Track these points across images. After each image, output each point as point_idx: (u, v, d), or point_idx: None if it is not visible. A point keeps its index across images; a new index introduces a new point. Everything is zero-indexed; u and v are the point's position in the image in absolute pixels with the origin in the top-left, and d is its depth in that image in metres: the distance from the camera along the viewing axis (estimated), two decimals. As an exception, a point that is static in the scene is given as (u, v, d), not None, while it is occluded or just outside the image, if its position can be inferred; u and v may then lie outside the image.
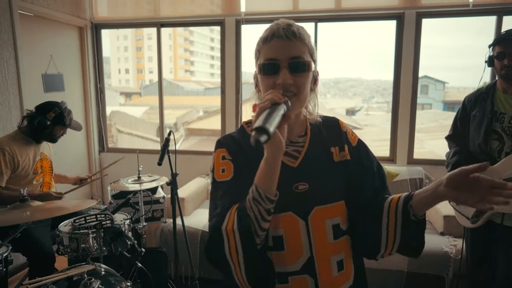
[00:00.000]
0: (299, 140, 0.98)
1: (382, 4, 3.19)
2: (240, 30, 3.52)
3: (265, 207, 0.81)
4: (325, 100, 24.09)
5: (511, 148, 1.88)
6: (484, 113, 1.97)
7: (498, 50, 1.87)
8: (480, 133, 1.98)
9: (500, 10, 3.05)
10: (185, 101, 19.66)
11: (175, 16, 3.63)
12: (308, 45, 0.90)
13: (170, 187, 2.42)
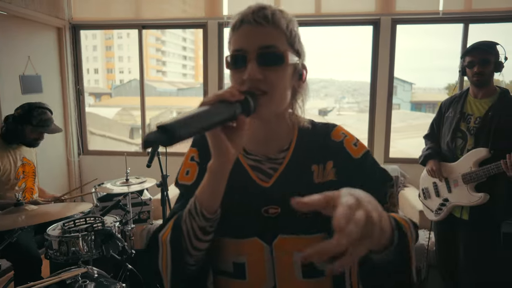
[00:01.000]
0: (279, 156, 0.80)
1: (360, 11, 3.35)
2: (222, 33, 3.57)
3: (199, 224, 0.68)
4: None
5: (472, 146, 2.07)
6: (455, 114, 2.16)
7: (468, 59, 2.06)
8: (449, 131, 2.17)
9: (466, 19, 3.28)
10: (158, 102, 19.32)
11: (157, 18, 3.63)
12: (285, 32, 0.72)
13: (157, 188, 2.47)
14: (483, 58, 2.01)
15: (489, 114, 2.03)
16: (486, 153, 1.99)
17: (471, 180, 2.04)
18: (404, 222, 0.68)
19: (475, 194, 2.04)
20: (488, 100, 2.08)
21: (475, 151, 2.03)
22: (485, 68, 2.01)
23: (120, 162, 3.78)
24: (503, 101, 2.04)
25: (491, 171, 1.95)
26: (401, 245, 0.62)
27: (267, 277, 0.77)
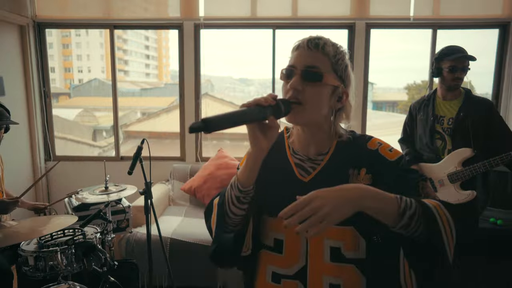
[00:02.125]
0: (318, 158, 0.95)
1: (335, 15, 3.42)
2: (199, 35, 3.50)
3: (235, 194, 0.88)
4: (264, 101, 23.92)
5: (452, 146, 2.19)
6: (428, 117, 2.28)
7: (450, 64, 2.15)
8: (426, 133, 2.28)
9: (435, 25, 3.44)
10: (122, 102, 18.64)
11: (130, 18, 3.50)
12: (331, 59, 0.89)
13: (135, 195, 2.37)
14: (464, 66, 2.13)
15: (461, 114, 2.16)
16: (470, 153, 2.11)
17: (458, 179, 2.16)
18: (432, 202, 0.83)
19: (462, 192, 2.16)
20: (457, 101, 2.22)
21: (459, 151, 2.15)
22: (463, 74, 2.14)
23: (92, 168, 3.63)
24: (469, 101, 2.19)
25: (478, 170, 2.08)
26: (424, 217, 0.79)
27: (300, 256, 0.93)
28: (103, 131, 12.03)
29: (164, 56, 34.76)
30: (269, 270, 0.97)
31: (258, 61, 4.16)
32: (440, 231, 0.80)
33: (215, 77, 9.03)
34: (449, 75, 2.17)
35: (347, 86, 0.94)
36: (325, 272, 0.91)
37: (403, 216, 0.77)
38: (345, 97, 0.93)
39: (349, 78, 0.94)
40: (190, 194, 3.34)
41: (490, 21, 3.43)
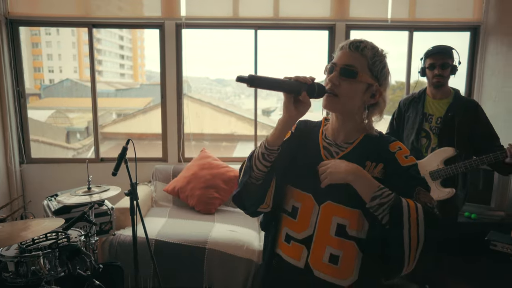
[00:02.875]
0: (343, 145, 1.11)
1: (316, 16, 3.48)
2: (180, 34, 3.47)
3: (261, 151, 1.04)
4: (241, 101, 24.15)
5: (436, 144, 2.26)
6: (417, 115, 2.33)
7: (429, 62, 2.23)
8: (413, 131, 2.33)
9: (411, 27, 3.57)
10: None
11: (109, 16, 3.43)
12: (368, 60, 1.03)
13: (117, 197, 2.33)
14: (443, 62, 2.20)
15: (449, 114, 2.23)
16: (453, 152, 2.17)
17: (439, 177, 2.22)
18: (412, 202, 0.97)
19: (443, 190, 2.22)
20: (446, 101, 2.28)
21: (442, 150, 2.21)
22: (444, 71, 2.20)
23: (70, 170, 3.53)
24: (458, 101, 2.25)
25: (459, 169, 2.14)
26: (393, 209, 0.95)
27: (310, 226, 1.09)
28: (77, 133, 11.63)
29: (139, 56, 33.97)
30: (284, 231, 1.14)
31: (236, 61, 4.17)
32: (402, 225, 0.94)
33: (192, 78, 8.82)
34: (430, 72, 2.25)
35: (382, 85, 1.06)
36: (329, 243, 1.07)
37: (374, 201, 0.96)
38: (378, 94, 1.06)
39: (385, 79, 1.07)
40: (174, 195, 3.31)
41: (462, 24, 3.59)
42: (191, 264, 2.60)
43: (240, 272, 2.56)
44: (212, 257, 2.58)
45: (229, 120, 5.76)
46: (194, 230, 2.76)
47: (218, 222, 2.95)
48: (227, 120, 5.74)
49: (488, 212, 3.06)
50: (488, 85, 3.52)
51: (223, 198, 3.23)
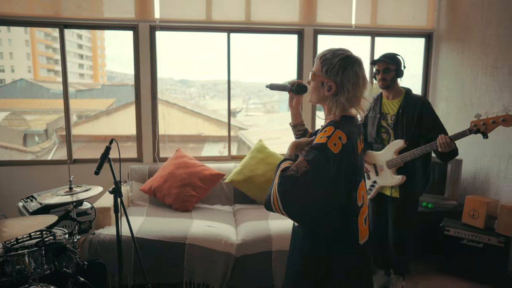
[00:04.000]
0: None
1: (286, 21, 3.66)
2: (154, 37, 3.53)
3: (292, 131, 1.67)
4: (206, 102, 24.16)
5: (395, 137, 2.55)
6: (376, 114, 2.63)
7: (375, 68, 2.58)
8: (374, 129, 2.64)
9: (373, 32, 3.85)
10: (54, 105, 17.38)
11: (82, 17, 3.41)
12: (320, 64, 1.39)
13: (96, 196, 2.36)
14: (385, 67, 2.52)
15: (400, 111, 2.54)
16: (403, 144, 2.49)
17: (393, 165, 2.53)
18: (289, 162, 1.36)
19: (395, 176, 2.54)
20: (398, 100, 2.60)
21: (395, 142, 2.55)
22: (387, 75, 2.53)
23: (44, 172, 3.48)
24: (408, 99, 2.57)
25: (408, 157, 2.46)
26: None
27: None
28: (35, 136, 11.10)
29: (99, 56, 32.73)
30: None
31: (203, 62, 4.27)
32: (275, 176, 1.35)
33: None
34: (377, 77, 2.59)
35: (334, 80, 1.36)
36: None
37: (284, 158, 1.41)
38: (333, 88, 1.37)
39: (336, 74, 1.35)
40: (150, 194, 3.36)
41: (417, 31, 3.92)
42: (172, 260, 2.68)
43: (219, 265, 2.68)
44: (192, 252, 2.68)
45: (196, 121, 5.80)
46: (173, 227, 2.84)
47: (196, 218, 3.04)
48: (194, 121, 5.78)
49: (442, 201, 3.39)
50: (441, 86, 3.88)
51: (200, 196, 3.32)
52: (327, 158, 1.26)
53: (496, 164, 3.18)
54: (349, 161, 1.33)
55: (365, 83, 1.38)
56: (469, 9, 3.47)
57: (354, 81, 1.34)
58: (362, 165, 1.50)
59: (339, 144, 1.29)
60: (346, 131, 1.32)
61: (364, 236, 1.46)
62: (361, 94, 1.38)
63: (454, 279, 3.00)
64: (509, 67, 3.06)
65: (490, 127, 2.22)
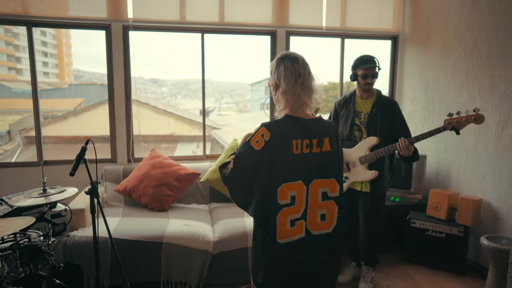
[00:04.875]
0: None
1: (259, 22, 3.74)
2: (128, 36, 3.50)
3: None
4: (177, 101, 23.84)
5: (368, 135, 2.68)
6: (349, 112, 2.74)
7: (362, 72, 2.64)
8: (347, 126, 2.75)
9: (342, 34, 4.00)
10: (17, 105, 16.61)
11: (51, 16, 3.34)
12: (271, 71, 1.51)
13: (69, 198, 2.33)
14: (373, 72, 2.63)
15: (373, 110, 2.66)
16: (376, 140, 2.63)
17: (366, 161, 2.65)
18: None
19: (368, 172, 2.66)
20: (371, 100, 2.73)
21: (368, 139, 2.66)
22: (373, 80, 2.64)
23: (2, 176, 3.38)
24: (380, 99, 2.71)
25: (380, 154, 2.58)
26: None
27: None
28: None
29: (65, 54, 31.56)
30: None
31: (177, 62, 4.27)
32: None
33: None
34: (362, 80, 2.67)
35: (276, 78, 1.46)
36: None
37: None
38: (275, 86, 1.48)
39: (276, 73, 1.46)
40: (125, 195, 3.35)
41: (384, 34, 4.11)
42: (149, 259, 2.69)
43: (196, 263, 2.71)
44: (169, 250, 2.70)
45: (168, 121, 5.76)
46: (150, 226, 2.85)
47: (173, 217, 3.06)
48: (166, 121, 5.74)
49: (408, 195, 3.58)
50: (406, 86, 4.09)
51: (176, 195, 3.34)
52: (249, 156, 1.40)
53: (456, 159, 3.40)
54: (272, 159, 1.37)
55: (300, 78, 1.42)
56: (430, 14, 3.69)
57: (285, 74, 1.42)
58: (305, 166, 1.43)
59: (261, 141, 1.38)
60: (272, 129, 1.39)
61: (288, 236, 1.43)
62: (297, 88, 1.41)
63: (420, 268, 3.19)
64: (466, 70, 3.28)
65: (462, 124, 2.39)
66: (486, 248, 2.68)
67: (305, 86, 1.43)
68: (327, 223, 1.50)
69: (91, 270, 2.51)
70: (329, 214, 1.49)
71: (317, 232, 1.48)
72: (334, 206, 1.50)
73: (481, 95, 3.13)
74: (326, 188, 1.47)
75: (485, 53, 3.08)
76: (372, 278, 2.87)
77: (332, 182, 1.48)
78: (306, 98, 1.44)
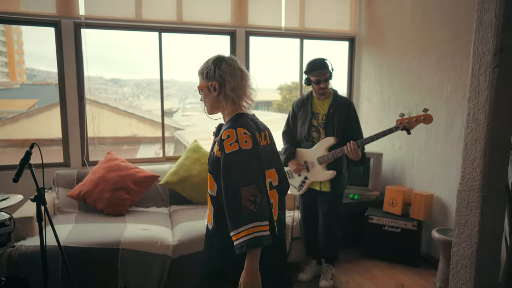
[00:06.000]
0: None
1: (218, 22, 3.70)
2: (79, 34, 3.35)
3: None
4: (140, 102, 23.28)
5: (325, 136, 2.72)
6: (307, 113, 2.77)
7: (315, 78, 2.68)
8: (305, 127, 2.78)
9: (301, 35, 4.05)
10: (-37, 106, 15.39)
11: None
12: (202, 73, 1.52)
13: (14, 206, 2.19)
14: (326, 77, 2.67)
15: (330, 111, 2.71)
16: (333, 141, 2.67)
17: (324, 161, 2.69)
18: None
19: (326, 172, 2.70)
20: (328, 101, 2.77)
21: (326, 139, 2.70)
22: (326, 84, 2.68)
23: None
24: (337, 100, 2.76)
25: (337, 154, 2.63)
26: None
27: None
28: None
29: (16, 52, 29.96)
30: None
31: (136, 61, 4.15)
32: None
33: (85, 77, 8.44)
34: (315, 86, 2.72)
35: (217, 80, 1.46)
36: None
37: None
38: (217, 86, 1.47)
39: (217, 75, 1.45)
40: (79, 200, 3.19)
41: (342, 35, 4.21)
42: (105, 267, 2.58)
43: (155, 268, 2.64)
44: (127, 256, 2.60)
45: (129, 122, 5.61)
46: (106, 232, 2.74)
47: (130, 222, 2.96)
48: (127, 122, 5.58)
49: (366, 192, 3.69)
50: (363, 87, 4.21)
51: (134, 199, 3.24)
52: (251, 159, 1.38)
53: (410, 156, 3.55)
54: (260, 150, 1.44)
55: (243, 74, 1.49)
56: (385, 17, 3.82)
57: (230, 71, 1.46)
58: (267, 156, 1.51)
59: (248, 138, 1.39)
60: (246, 126, 1.43)
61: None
62: (243, 84, 1.49)
63: (377, 263, 3.30)
64: (418, 71, 3.43)
65: (413, 124, 2.49)
66: (437, 240, 2.82)
67: (249, 82, 1.52)
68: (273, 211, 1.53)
69: (40, 282, 2.36)
70: (274, 203, 1.52)
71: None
72: (276, 196, 1.53)
73: (431, 95, 3.28)
74: (270, 178, 1.51)
75: (435, 55, 3.23)
76: (332, 275, 2.93)
77: (274, 173, 1.53)
78: (251, 93, 1.53)
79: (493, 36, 1.18)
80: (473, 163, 1.28)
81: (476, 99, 1.26)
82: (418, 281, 2.98)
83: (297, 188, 2.90)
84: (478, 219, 1.26)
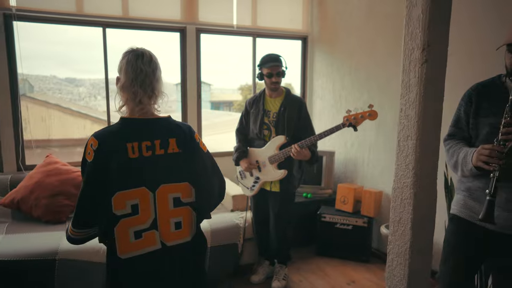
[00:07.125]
0: None
1: (167, 18, 3.56)
2: (11, 27, 3.08)
3: None
4: (97, 102, 22.61)
5: (277, 134, 2.68)
6: (259, 111, 2.73)
7: (267, 71, 2.62)
8: (256, 125, 2.74)
9: (254, 33, 4.00)
10: None
11: None
12: None
13: None
14: (278, 71, 2.62)
15: (281, 109, 2.67)
16: (284, 140, 2.63)
17: (275, 160, 2.65)
18: None
19: (277, 171, 2.66)
20: (280, 99, 2.73)
21: (276, 138, 2.67)
22: (279, 78, 2.63)
23: None
24: (288, 98, 2.73)
25: (287, 153, 2.59)
26: None
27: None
28: None
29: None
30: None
31: (89, 60, 3.92)
32: None
33: (33, 76, 7.94)
34: (268, 79, 2.66)
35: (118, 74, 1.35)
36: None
37: None
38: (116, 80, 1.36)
39: (119, 68, 1.34)
40: (13, 208, 2.94)
41: (294, 34, 4.21)
42: (39, 281, 2.38)
43: (97, 277, 2.47)
44: (64, 267, 2.42)
45: (83, 124, 5.33)
46: (41, 242, 2.53)
47: (70, 230, 2.76)
48: (81, 123, 5.30)
49: (319, 191, 3.70)
50: (316, 85, 4.24)
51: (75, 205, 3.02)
52: (87, 170, 1.25)
53: (361, 154, 3.60)
54: (105, 167, 1.24)
55: (142, 74, 1.29)
56: (335, 16, 3.86)
57: (126, 68, 1.30)
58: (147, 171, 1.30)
59: (91, 151, 1.25)
60: (100, 136, 1.27)
61: (133, 250, 1.28)
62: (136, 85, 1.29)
63: (330, 260, 3.32)
64: (366, 70, 3.49)
65: (359, 121, 2.49)
66: (385, 236, 2.86)
67: (146, 84, 1.29)
68: (183, 231, 1.36)
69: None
70: (185, 221, 1.36)
71: (172, 242, 1.34)
72: (190, 212, 1.37)
73: (379, 92, 3.34)
74: (178, 193, 1.34)
75: (383, 53, 3.29)
76: (285, 276, 2.90)
77: (184, 186, 1.35)
78: (145, 98, 1.30)
79: (421, 31, 1.17)
80: (406, 160, 1.27)
81: (407, 95, 1.25)
82: (368, 277, 3.02)
83: (249, 189, 2.84)
84: (411, 216, 1.25)
